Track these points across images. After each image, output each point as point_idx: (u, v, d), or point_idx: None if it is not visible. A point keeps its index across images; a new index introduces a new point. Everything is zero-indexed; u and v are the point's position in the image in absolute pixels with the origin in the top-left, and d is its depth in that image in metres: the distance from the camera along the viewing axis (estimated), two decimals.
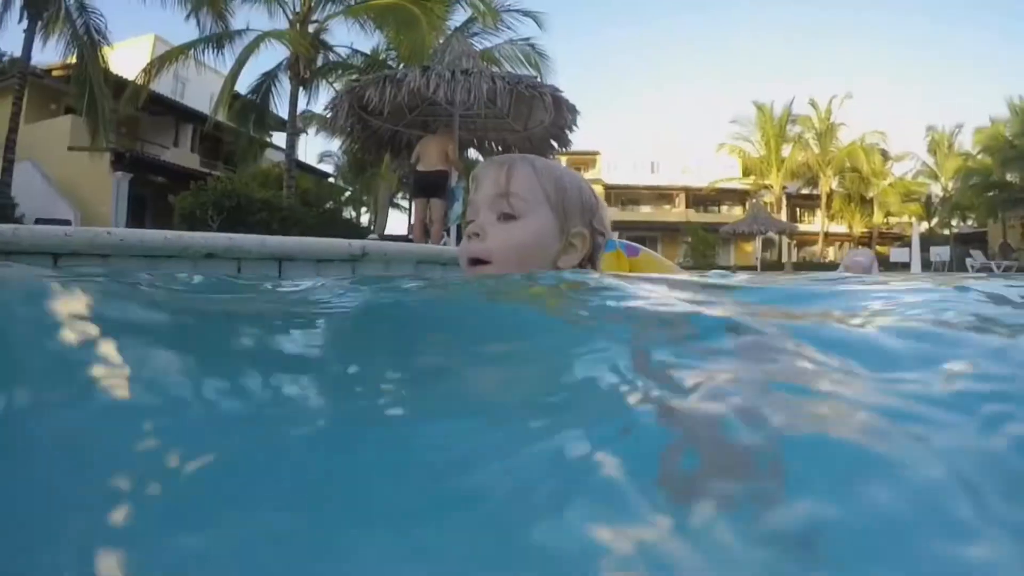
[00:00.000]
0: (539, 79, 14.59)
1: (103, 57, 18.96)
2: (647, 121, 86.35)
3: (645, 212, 48.59)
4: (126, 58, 22.83)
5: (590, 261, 1.54)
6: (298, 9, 18.35)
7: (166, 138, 28.46)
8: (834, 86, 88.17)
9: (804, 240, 43.48)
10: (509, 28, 18.94)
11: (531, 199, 1.45)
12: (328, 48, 19.77)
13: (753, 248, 36.72)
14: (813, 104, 42.23)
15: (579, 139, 12.39)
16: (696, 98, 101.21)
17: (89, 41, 18.46)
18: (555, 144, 12.32)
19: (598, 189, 43.76)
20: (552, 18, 19.14)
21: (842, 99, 41.62)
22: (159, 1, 18.26)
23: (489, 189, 1.46)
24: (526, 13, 19.03)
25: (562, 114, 10.85)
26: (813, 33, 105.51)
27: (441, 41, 15.42)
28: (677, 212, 47.77)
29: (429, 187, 9.21)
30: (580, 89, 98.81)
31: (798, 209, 47.24)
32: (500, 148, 12.63)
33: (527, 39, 17.96)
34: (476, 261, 1.44)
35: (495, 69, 14.15)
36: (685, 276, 1.69)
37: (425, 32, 15.22)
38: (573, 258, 1.50)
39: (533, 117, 11.29)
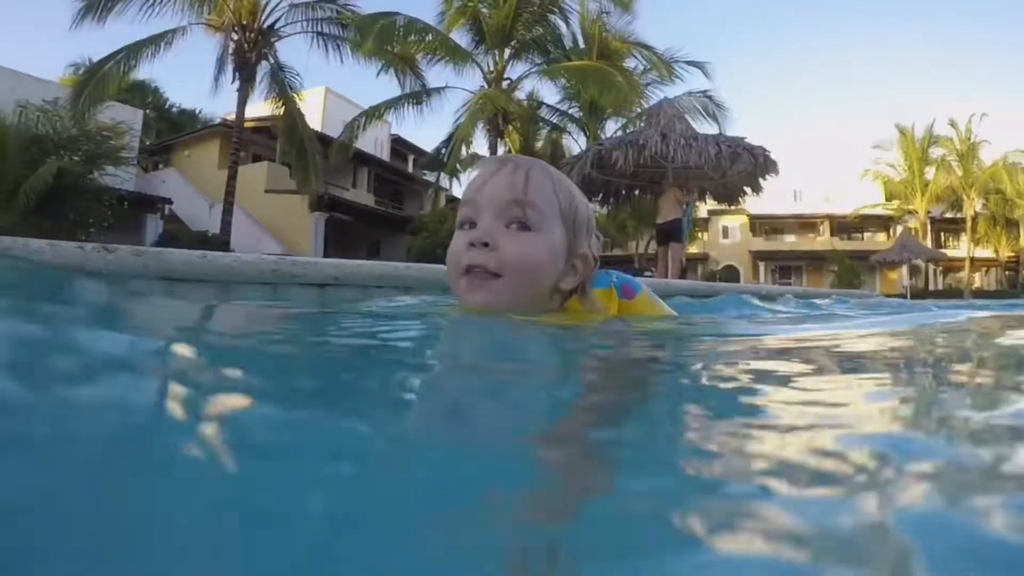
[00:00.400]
0: (720, 130, 16.24)
1: (299, 110, 20.81)
2: (786, 148, 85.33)
3: (790, 241, 47.85)
4: (301, 108, 25.45)
5: (583, 286, 1.45)
6: (491, 69, 20.42)
7: (345, 180, 31.21)
8: (962, 101, 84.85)
9: (949, 266, 41.83)
10: (680, 79, 20.66)
11: (547, 211, 1.35)
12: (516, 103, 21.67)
13: (899, 276, 36.38)
14: (953, 124, 41.10)
15: None
16: (833, 124, 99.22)
17: (284, 96, 20.38)
18: (747, 190, 13.85)
19: (743, 219, 44.62)
20: (687, 43, 20.54)
21: (980, 116, 40.31)
22: (330, 57, 20.17)
23: (502, 193, 1.34)
24: (694, 63, 20.71)
25: (760, 166, 12.41)
26: (939, 48, 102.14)
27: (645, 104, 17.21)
28: (822, 240, 46.54)
29: (666, 235, 11.05)
30: None
31: (942, 234, 45.61)
32: (696, 192, 14.25)
33: (705, 91, 19.55)
34: (479, 272, 1.32)
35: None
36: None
37: (627, 91, 17.03)
38: (572, 280, 1.42)
39: (734, 167, 12.76)
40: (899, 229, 38.77)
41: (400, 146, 37.67)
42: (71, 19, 17.15)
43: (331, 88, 35.97)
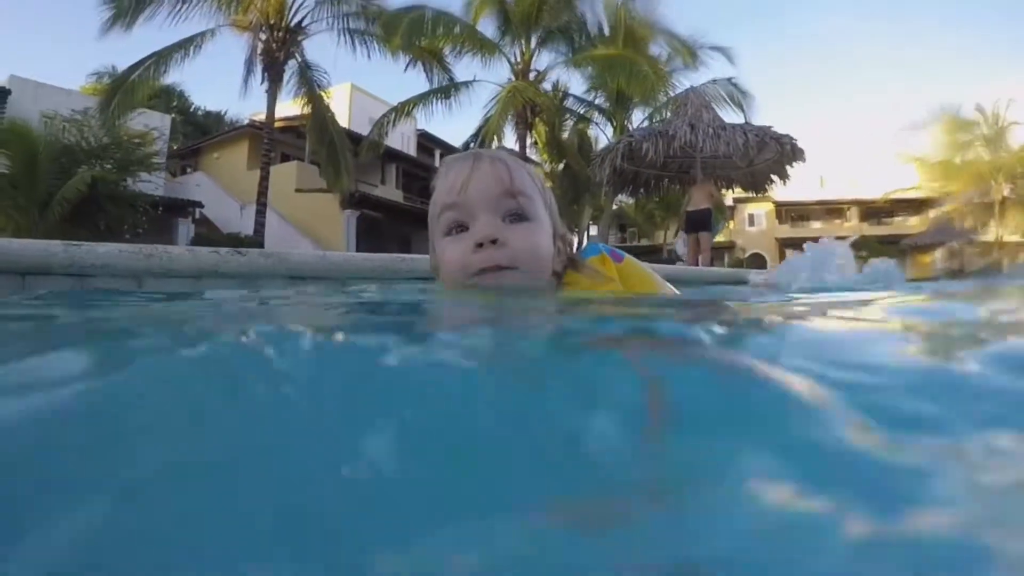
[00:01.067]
0: (746, 118, 16.39)
1: (328, 108, 20.97)
2: (809, 133, 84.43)
3: (816, 228, 46.29)
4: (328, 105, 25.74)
5: (572, 264, 1.45)
6: (518, 60, 20.64)
7: (374, 177, 31.52)
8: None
9: (986, 249, 40.81)
10: (704, 65, 20.79)
11: (535, 197, 1.34)
12: (544, 94, 21.84)
13: (932, 260, 35.89)
14: (980, 110, 40.43)
15: None
16: (856, 108, 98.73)
17: (312, 95, 20.47)
18: (775, 178, 13.99)
19: (768, 207, 44.41)
20: (708, 29, 20.63)
21: (1008, 102, 39.62)
22: (357, 53, 20.19)
23: (490, 187, 1.30)
24: (717, 49, 20.82)
25: (787, 154, 12.56)
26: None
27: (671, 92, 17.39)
28: (849, 226, 45.54)
29: (695, 223, 11.22)
30: None
31: (972, 217, 44.38)
32: (724, 183, 14.43)
33: (730, 79, 19.46)
34: (492, 269, 1.27)
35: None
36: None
37: (653, 80, 17.20)
38: (560, 261, 1.41)
39: (760, 156, 12.93)
40: (932, 213, 38.10)
41: (426, 140, 37.94)
42: (98, 28, 17.35)
43: (356, 84, 36.34)
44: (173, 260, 2.56)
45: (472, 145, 21.11)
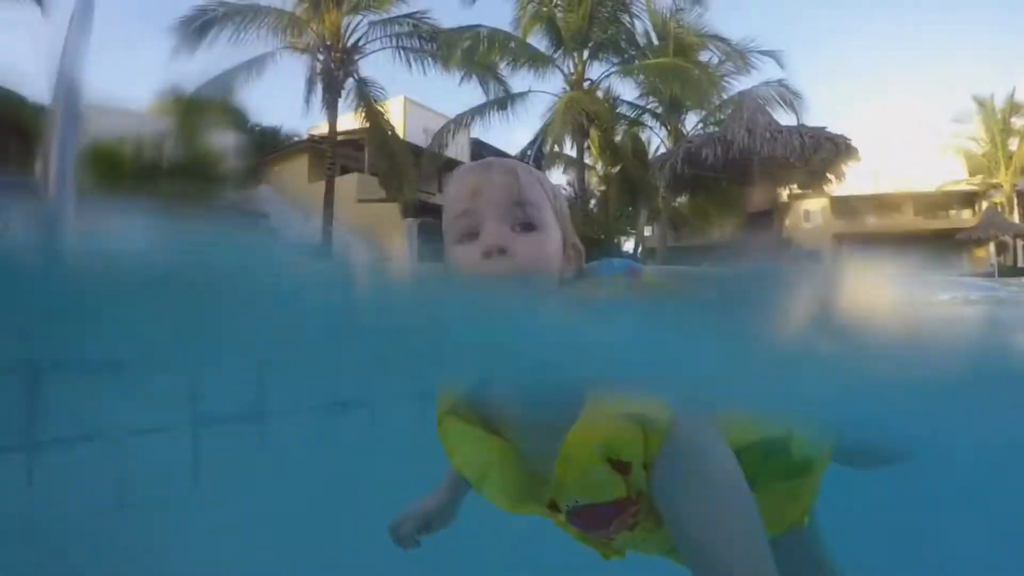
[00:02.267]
0: (798, 119, 16.74)
1: (389, 122, 21.84)
2: (860, 128, 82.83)
3: (872, 224, 45.44)
4: None
5: (583, 277, 1.36)
6: (571, 71, 21.27)
7: (431, 185, 32.15)
8: None
9: None
10: (754, 68, 21.10)
11: (544, 207, 1.26)
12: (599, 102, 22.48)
13: (986, 253, 35.08)
14: None
15: None
16: (908, 100, 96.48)
17: (371, 110, 21.25)
18: (831, 177, 14.34)
19: (823, 202, 43.83)
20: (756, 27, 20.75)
21: None
22: (413, 69, 21.08)
23: (499, 196, 1.22)
24: (767, 53, 21.11)
25: (842, 154, 12.94)
26: None
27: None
28: (905, 220, 44.40)
29: (757, 223, 11.73)
30: None
31: None
32: (781, 183, 14.81)
33: (780, 80, 19.88)
34: None
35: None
36: None
37: (706, 85, 17.66)
38: (571, 271, 1.33)
39: (816, 156, 13.28)
40: (984, 205, 37.22)
41: (479, 148, 38.31)
42: (168, 53, 18.67)
43: (409, 96, 36.97)
44: None
45: (529, 153, 21.88)
